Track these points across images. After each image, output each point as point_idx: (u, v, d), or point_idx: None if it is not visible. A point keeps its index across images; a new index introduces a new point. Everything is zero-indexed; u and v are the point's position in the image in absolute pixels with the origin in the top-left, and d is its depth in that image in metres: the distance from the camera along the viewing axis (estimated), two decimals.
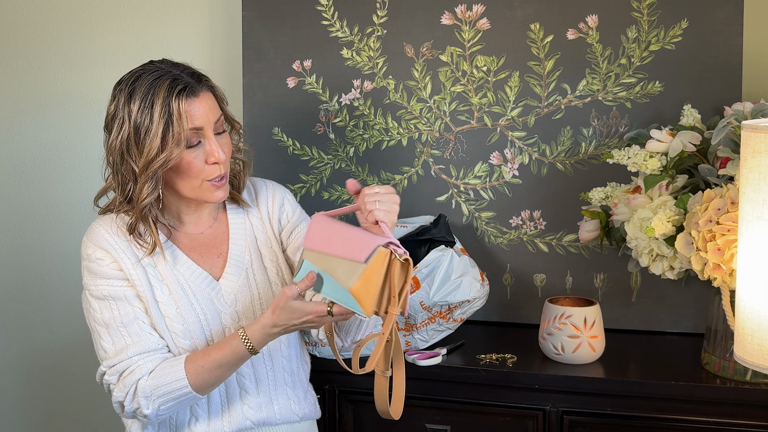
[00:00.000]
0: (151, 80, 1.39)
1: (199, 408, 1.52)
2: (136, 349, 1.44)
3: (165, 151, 1.38)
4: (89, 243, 1.49)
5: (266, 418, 1.55)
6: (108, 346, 1.46)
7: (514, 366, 1.74)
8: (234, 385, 1.53)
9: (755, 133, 1.20)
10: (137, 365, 1.44)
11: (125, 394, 1.43)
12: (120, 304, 1.46)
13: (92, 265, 1.48)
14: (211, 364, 1.42)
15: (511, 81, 1.96)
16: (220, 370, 1.43)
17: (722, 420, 1.63)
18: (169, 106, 1.37)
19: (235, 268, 1.54)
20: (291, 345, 1.58)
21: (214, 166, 1.43)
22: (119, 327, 1.46)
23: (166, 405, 1.43)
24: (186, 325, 1.48)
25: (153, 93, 1.38)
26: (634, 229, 1.64)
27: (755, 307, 1.23)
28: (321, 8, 2.04)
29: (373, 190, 1.36)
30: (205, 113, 1.41)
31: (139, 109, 1.38)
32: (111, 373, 1.45)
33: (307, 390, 1.63)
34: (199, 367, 1.42)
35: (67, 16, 2.33)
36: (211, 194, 1.46)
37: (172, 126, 1.38)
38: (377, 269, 1.27)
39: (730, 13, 1.84)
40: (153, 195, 1.43)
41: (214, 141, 1.43)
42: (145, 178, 1.40)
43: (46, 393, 2.53)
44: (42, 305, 2.48)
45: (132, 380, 1.43)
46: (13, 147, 2.43)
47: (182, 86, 1.39)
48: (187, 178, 1.43)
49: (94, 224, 1.51)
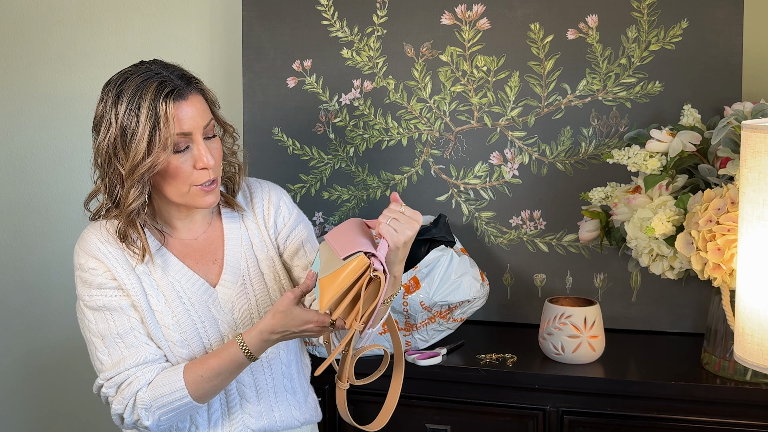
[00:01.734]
0: (139, 82, 1.35)
1: (199, 417, 1.50)
2: (133, 361, 1.42)
3: (151, 155, 1.34)
4: (81, 252, 1.45)
5: (267, 425, 1.53)
6: (104, 357, 1.43)
7: (514, 366, 1.74)
8: (234, 394, 1.51)
9: (755, 133, 1.20)
10: (135, 377, 1.41)
11: (124, 407, 1.42)
12: (115, 315, 1.43)
13: (85, 275, 1.44)
14: (210, 372, 1.40)
15: (511, 81, 1.96)
16: (218, 379, 1.41)
17: (722, 420, 1.63)
18: (156, 109, 1.33)
19: (231, 275, 1.51)
20: (290, 350, 1.56)
21: (202, 172, 1.39)
22: (115, 338, 1.43)
23: (167, 416, 1.42)
24: (183, 333, 1.45)
25: (140, 95, 1.34)
26: (634, 229, 1.64)
27: (755, 307, 1.23)
28: (321, 8, 2.04)
29: (398, 207, 1.31)
30: (194, 117, 1.37)
31: (125, 111, 1.35)
32: (108, 386, 1.43)
33: (307, 394, 1.62)
34: (198, 377, 1.40)
35: (67, 16, 2.33)
36: (201, 199, 1.42)
37: (158, 130, 1.34)
38: (349, 273, 1.26)
39: (730, 13, 1.84)
40: (140, 199, 1.39)
41: (203, 146, 1.38)
42: (132, 182, 1.36)
43: (45, 393, 2.53)
44: (42, 305, 2.48)
45: (131, 392, 1.41)
46: (13, 147, 2.43)
47: (170, 89, 1.35)
48: (175, 183, 1.39)
49: (85, 232, 1.47)
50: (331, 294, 1.26)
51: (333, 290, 1.26)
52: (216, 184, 1.43)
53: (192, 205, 1.44)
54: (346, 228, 1.35)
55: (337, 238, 1.32)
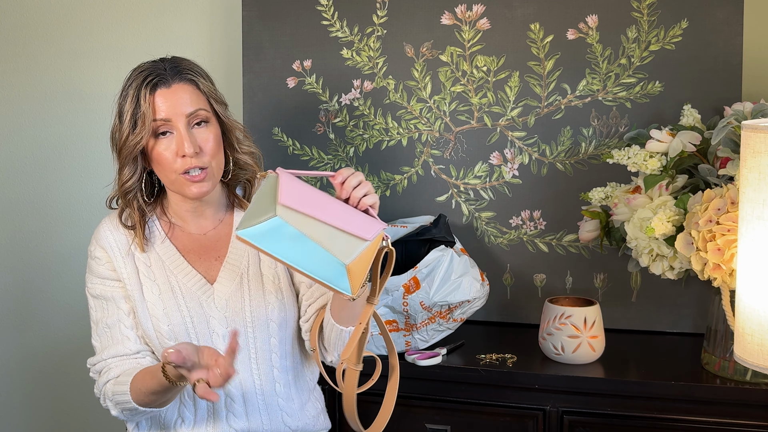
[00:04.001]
0: (137, 74, 1.45)
1: (186, 410, 1.53)
2: (111, 352, 1.51)
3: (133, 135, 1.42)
4: (93, 240, 1.55)
5: (251, 428, 1.54)
6: (96, 343, 1.54)
7: (514, 366, 1.74)
8: (220, 392, 1.51)
9: (755, 133, 1.20)
10: (109, 367, 1.51)
11: (100, 392, 1.52)
12: (108, 305, 1.52)
13: (92, 263, 1.54)
14: (147, 389, 1.43)
15: (511, 81, 1.96)
16: (155, 396, 1.43)
17: (722, 420, 1.63)
18: (138, 94, 1.42)
19: (229, 272, 1.53)
20: (287, 356, 1.56)
21: (184, 159, 1.43)
22: (104, 327, 1.52)
23: (127, 412, 1.48)
24: (171, 326, 1.49)
25: (130, 84, 1.45)
26: (634, 229, 1.64)
27: (755, 307, 1.23)
28: (321, 8, 2.04)
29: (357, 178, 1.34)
30: (173, 105, 1.43)
31: (120, 98, 1.46)
32: (93, 371, 1.54)
33: (305, 402, 1.60)
34: (139, 390, 1.44)
35: (68, 16, 2.33)
36: (187, 189, 1.46)
37: (139, 111, 1.42)
38: (371, 252, 1.27)
39: (730, 13, 1.84)
40: (133, 179, 1.47)
41: (184, 133, 1.42)
42: (123, 161, 1.46)
43: (46, 393, 2.53)
44: (42, 305, 2.48)
45: (103, 381, 1.50)
46: (14, 146, 2.43)
47: (154, 77, 1.43)
48: (163, 170, 1.46)
49: (103, 220, 1.57)
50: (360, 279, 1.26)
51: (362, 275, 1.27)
52: (204, 175, 1.45)
53: (182, 194, 1.48)
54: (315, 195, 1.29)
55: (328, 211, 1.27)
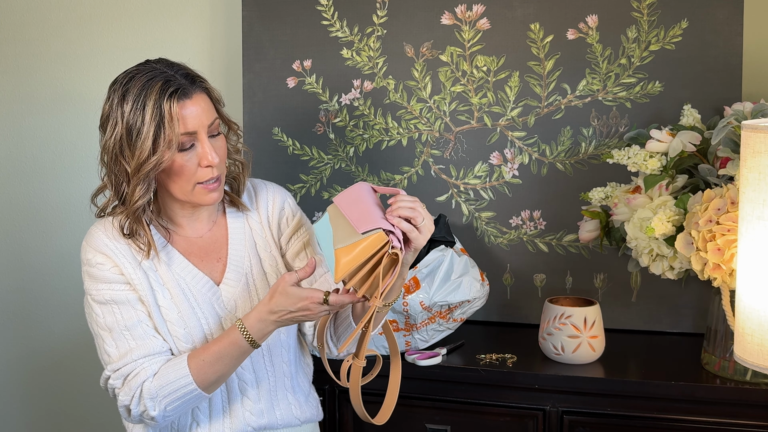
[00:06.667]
0: (144, 81, 1.37)
1: (200, 413, 1.51)
2: (141, 352, 1.44)
3: (156, 154, 1.36)
4: (89, 248, 1.47)
5: (268, 423, 1.54)
6: (112, 350, 1.44)
7: (514, 366, 1.74)
8: (236, 391, 1.52)
9: (755, 133, 1.20)
10: (142, 368, 1.43)
11: (131, 397, 1.43)
12: (123, 308, 1.45)
13: (93, 270, 1.47)
14: (212, 356, 1.41)
15: (511, 81, 1.96)
16: (221, 363, 1.42)
17: (722, 420, 1.63)
18: (161, 108, 1.35)
19: (235, 273, 1.53)
20: (291, 350, 1.58)
21: (207, 169, 1.41)
22: (122, 330, 1.45)
23: (172, 405, 1.43)
24: (187, 329, 1.47)
25: (145, 94, 1.36)
26: (634, 229, 1.64)
27: (755, 307, 1.23)
28: (321, 8, 2.04)
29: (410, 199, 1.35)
30: (198, 116, 1.39)
31: (131, 111, 1.37)
32: (115, 377, 1.44)
33: (308, 394, 1.63)
34: (201, 362, 1.41)
35: (67, 16, 2.33)
36: (204, 197, 1.44)
37: (163, 129, 1.35)
38: (367, 247, 1.28)
39: (730, 13, 1.84)
40: (145, 197, 1.42)
41: (207, 144, 1.40)
42: (137, 180, 1.39)
43: (46, 393, 2.53)
44: (42, 305, 2.48)
45: (137, 383, 1.42)
46: (13, 147, 2.43)
47: (174, 88, 1.37)
48: (180, 181, 1.41)
49: (92, 228, 1.50)
50: (347, 268, 1.28)
51: (350, 265, 1.28)
52: (219, 182, 1.45)
53: (196, 203, 1.46)
54: (357, 195, 1.36)
55: (350, 206, 1.34)
